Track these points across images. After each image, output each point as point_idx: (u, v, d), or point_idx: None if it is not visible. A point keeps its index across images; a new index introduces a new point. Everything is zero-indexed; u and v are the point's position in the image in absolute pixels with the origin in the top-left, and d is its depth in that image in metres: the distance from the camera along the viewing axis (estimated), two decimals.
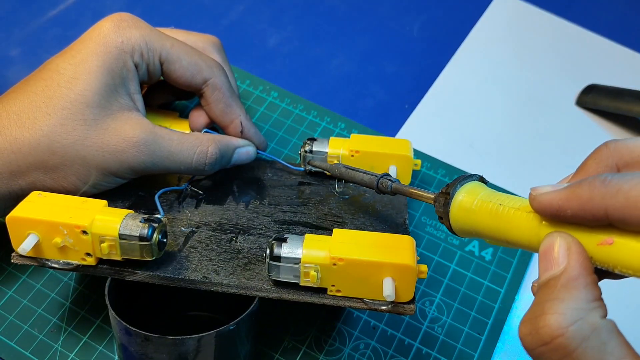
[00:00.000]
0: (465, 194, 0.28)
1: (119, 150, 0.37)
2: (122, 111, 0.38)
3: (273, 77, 0.55)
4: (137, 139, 0.37)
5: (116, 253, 0.34)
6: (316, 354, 0.40)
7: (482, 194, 0.27)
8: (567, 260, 0.22)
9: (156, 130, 0.38)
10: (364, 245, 0.34)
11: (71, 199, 0.35)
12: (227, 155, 0.41)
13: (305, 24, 0.59)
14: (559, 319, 0.21)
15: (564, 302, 0.22)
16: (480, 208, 0.26)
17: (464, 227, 0.28)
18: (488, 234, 0.26)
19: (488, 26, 0.61)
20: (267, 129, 0.51)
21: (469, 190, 0.28)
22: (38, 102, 0.36)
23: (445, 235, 0.46)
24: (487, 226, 0.26)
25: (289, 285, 0.35)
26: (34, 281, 0.41)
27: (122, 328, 0.33)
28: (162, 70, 0.40)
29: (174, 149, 0.38)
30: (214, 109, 0.42)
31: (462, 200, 0.28)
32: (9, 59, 0.54)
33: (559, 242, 0.23)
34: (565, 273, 0.22)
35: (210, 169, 0.40)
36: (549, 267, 0.23)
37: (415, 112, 0.54)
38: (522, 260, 0.45)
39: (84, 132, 0.36)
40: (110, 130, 0.37)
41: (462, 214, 0.28)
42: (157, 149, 0.38)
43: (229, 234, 0.38)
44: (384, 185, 0.35)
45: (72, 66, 0.37)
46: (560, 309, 0.22)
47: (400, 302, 0.34)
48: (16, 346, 0.39)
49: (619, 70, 0.59)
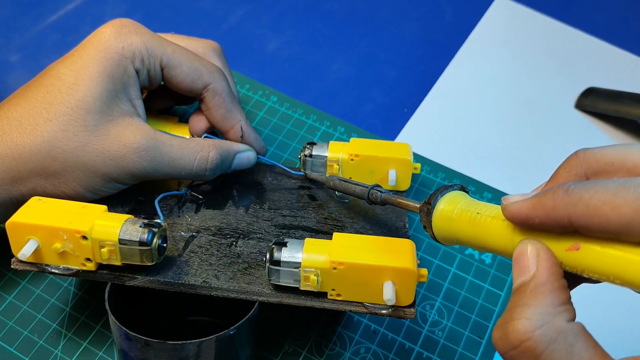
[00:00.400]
0: (445, 203, 0.29)
1: (120, 156, 0.37)
2: (123, 117, 0.38)
3: (272, 81, 0.55)
4: (137, 145, 0.37)
5: (116, 258, 0.34)
6: (317, 358, 0.40)
7: (461, 203, 0.28)
8: (536, 267, 0.23)
9: (157, 135, 0.38)
10: (364, 249, 0.34)
11: (71, 204, 0.35)
12: (227, 161, 0.41)
13: (305, 29, 0.60)
14: (525, 324, 0.22)
15: (531, 308, 0.23)
16: (460, 216, 0.28)
17: (446, 235, 0.29)
18: (468, 241, 0.28)
19: (487, 30, 0.61)
20: (266, 133, 0.51)
21: (450, 200, 0.29)
22: (39, 108, 0.36)
23: None
24: (466, 234, 0.27)
25: (289, 290, 0.35)
26: (34, 287, 0.41)
27: (122, 333, 0.33)
28: (163, 76, 0.40)
29: (174, 154, 0.38)
30: (214, 114, 0.42)
31: (442, 210, 0.29)
32: (9, 65, 0.54)
33: (529, 248, 0.24)
34: (534, 279, 0.23)
35: (211, 175, 0.40)
36: (521, 273, 0.24)
37: (414, 116, 0.54)
38: None
39: (85, 138, 0.36)
40: (111, 136, 0.37)
41: (443, 222, 0.29)
42: (158, 155, 0.38)
43: (228, 239, 0.38)
44: (374, 196, 0.37)
45: (73, 72, 0.37)
46: (527, 314, 0.22)
47: (400, 306, 0.34)
48: (16, 352, 0.39)
49: (618, 73, 0.59)
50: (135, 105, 0.39)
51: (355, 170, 0.43)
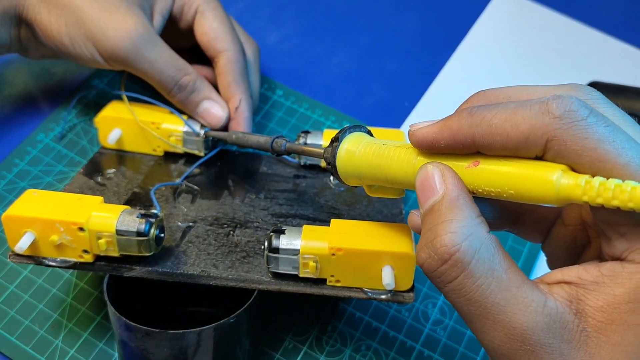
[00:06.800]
0: (352, 138, 0.30)
1: (114, 27, 0.39)
2: (136, 7, 0.40)
3: (273, 74, 0.55)
4: (135, 29, 0.39)
5: (114, 249, 0.34)
6: (317, 354, 0.40)
7: (367, 140, 0.30)
8: (445, 185, 0.24)
9: (154, 36, 0.40)
10: (362, 234, 0.34)
11: (67, 196, 0.35)
12: (197, 97, 0.42)
13: (305, 22, 0.59)
14: (452, 237, 0.23)
15: (453, 222, 0.24)
16: (365, 149, 0.29)
17: (350, 170, 0.30)
18: (371, 173, 0.29)
19: (489, 23, 0.61)
20: (271, 127, 0.50)
21: (356, 136, 0.30)
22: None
23: None
24: (370, 165, 0.29)
25: (288, 277, 0.35)
26: (36, 277, 0.41)
27: (122, 324, 0.33)
28: (194, 20, 0.43)
29: (160, 56, 0.41)
30: (221, 79, 0.43)
31: (349, 144, 0.30)
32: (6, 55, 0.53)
33: (433, 170, 0.25)
34: (446, 196, 0.24)
35: (177, 91, 0.42)
36: (431, 194, 0.25)
37: (415, 110, 0.54)
38: (526, 262, 0.45)
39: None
40: (116, 12, 0.39)
41: (348, 156, 0.30)
42: (146, 47, 0.40)
43: (226, 228, 0.38)
44: (278, 144, 0.36)
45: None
46: (451, 228, 0.23)
47: (399, 291, 0.34)
48: (17, 342, 0.39)
49: (621, 67, 0.59)
50: (154, 14, 0.42)
51: None
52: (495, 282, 0.23)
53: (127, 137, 0.43)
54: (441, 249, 0.23)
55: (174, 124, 0.42)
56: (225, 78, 0.43)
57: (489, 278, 0.23)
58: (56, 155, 0.47)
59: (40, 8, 0.40)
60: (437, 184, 0.25)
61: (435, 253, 0.23)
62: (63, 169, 0.46)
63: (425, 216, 0.25)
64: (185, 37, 0.45)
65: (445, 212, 0.24)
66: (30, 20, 0.40)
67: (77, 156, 0.47)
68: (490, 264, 0.23)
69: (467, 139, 0.24)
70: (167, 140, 0.42)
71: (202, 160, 0.43)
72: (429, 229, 0.24)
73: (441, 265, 0.23)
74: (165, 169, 0.43)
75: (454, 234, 0.23)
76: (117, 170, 0.43)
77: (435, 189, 0.25)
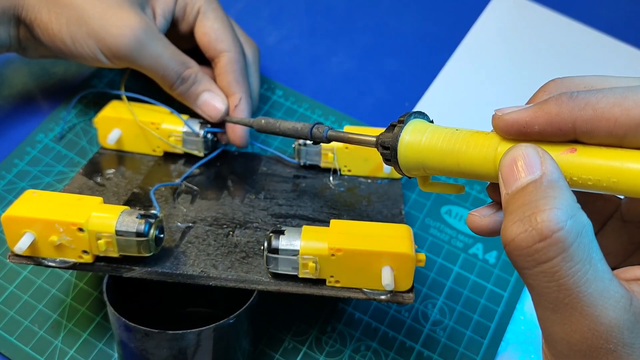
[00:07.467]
0: (416, 123, 0.27)
1: (118, 25, 0.39)
2: (136, 6, 0.41)
3: (274, 74, 0.55)
4: (136, 26, 0.39)
5: (113, 250, 0.34)
6: (317, 354, 0.40)
7: (433, 126, 0.27)
8: (544, 166, 0.22)
9: (156, 32, 0.41)
10: (362, 235, 0.34)
11: (66, 197, 0.35)
12: (198, 88, 0.42)
13: (305, 22, 0.59)
14: (558, 213, 0.21)
15: (557, 199, 0.21)
16: (434, 134, 0.26)
17: (413, 156, 0.27)
18: (440, 160, 0.26)
19: (489, 23, 0.61)
20: None
21: (420, 122, 0.28)
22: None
23: (449, 238, 0.45)
24: (440, 151, 0.26)
25: (287, 278, 0.35)
26: (35, 277, 0.41)
27: (121, 324, 0.33)
28: (196, 21, 0.44)
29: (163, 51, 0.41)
30: (222, 80, 0.43)
31: (413, 128, 0.27)
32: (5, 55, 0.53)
33: (528, 150, 0.23)
34: (545, 175, 0.22)
35: (180, 84, 0.42)
36: (528, 172, 0.22)
37: (415, 110, 0.54)
38: None
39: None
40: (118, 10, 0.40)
41: (413, 141, 0.27)
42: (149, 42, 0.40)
43: (225, 229, 0.38)
44: (320, 130, 0.33)
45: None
46: (557, 204, 0.21)
47: (399, 291, 0.34)
48: (16, 342, 0.39)
49: (621, 67, 0.58)
50: (156, 16, 0.42)
51: (350, 159, 0.43)
52: (592, 271, 0.21)
53: (127, 138, 0.43)
54: (542, 223, 0.21)
55: (174, 124, 0.43)
56: (225, 78, 0.43)
57: (587, 265, 0.21)
58: (56, 156, 0.47)
59: (40, 7, 0.40)
60: (534, 164, 0.22)
61: (534, 228, 0.21)
62: (62, 169, 0.46)
63: (517, 194, 0.22)
64: (184, 39, 0.45)
65: (546, 189, 0.22)
66: (30, 19, 0.40)
67: (77, 156, 0.47)
68: (589, 250, 0.21)
69: (568, 124, 0.22)
70: (167, 140, 0.42)
71: (203, 161, 0.43)
72: (525, 204, 0.22)
73: (538, 242, 0.21)
74: (165, 170, 0.43)
75: (559, 210, 0.21)
76: (117, 170, 0.43)
77: (532, 168, 0.22)
